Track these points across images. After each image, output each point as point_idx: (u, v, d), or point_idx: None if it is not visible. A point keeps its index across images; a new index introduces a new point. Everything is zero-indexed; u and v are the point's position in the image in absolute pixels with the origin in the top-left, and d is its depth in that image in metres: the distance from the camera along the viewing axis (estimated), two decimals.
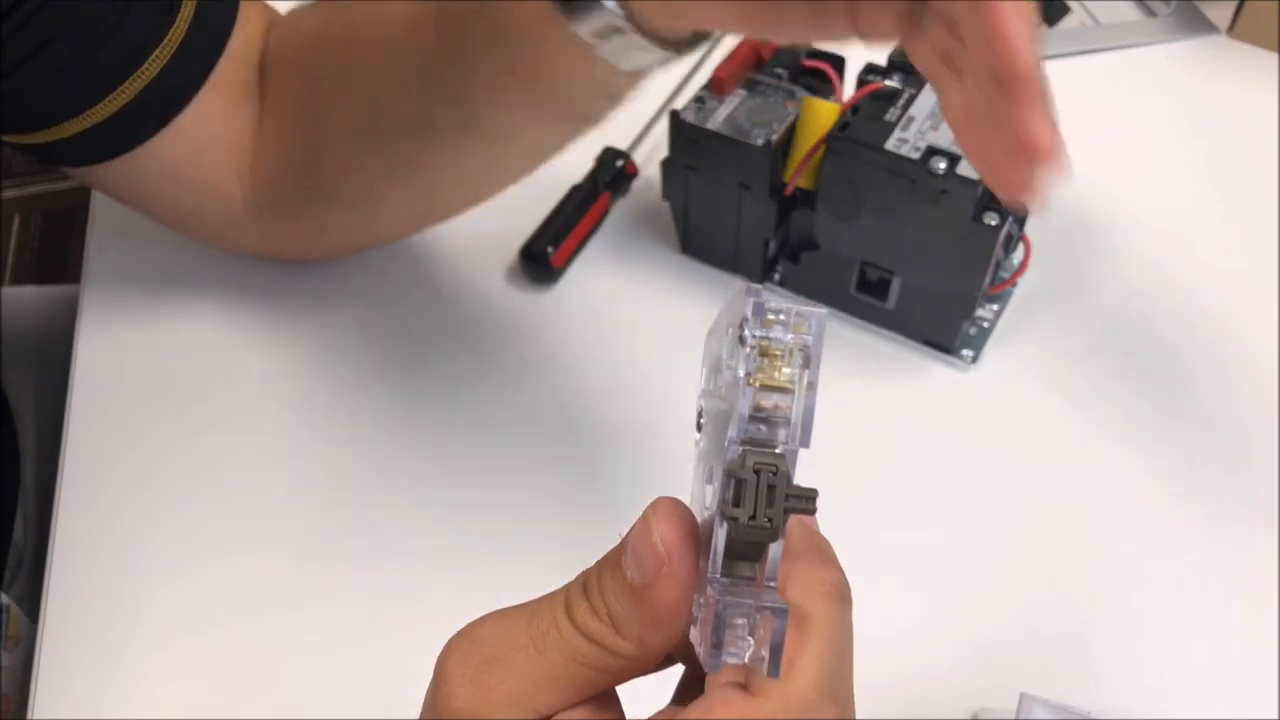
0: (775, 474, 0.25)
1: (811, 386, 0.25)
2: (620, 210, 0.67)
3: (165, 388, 0.60)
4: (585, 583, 0.28)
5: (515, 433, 0.58)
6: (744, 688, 0.26)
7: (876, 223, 0.56)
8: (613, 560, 0.27)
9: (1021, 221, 0.59)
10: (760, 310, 0.25)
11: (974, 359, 0.60)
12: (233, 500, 0.56)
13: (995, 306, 0.62)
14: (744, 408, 0.25)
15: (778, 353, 0.25)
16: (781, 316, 0.25)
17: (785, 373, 0.25)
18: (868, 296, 0.60)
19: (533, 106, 0.47)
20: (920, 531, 0.55)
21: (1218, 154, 0.71)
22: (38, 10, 0.46)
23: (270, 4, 0.58)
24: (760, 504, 0.25)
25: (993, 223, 0.54)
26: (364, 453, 0.58)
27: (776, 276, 0.63)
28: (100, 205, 0.67)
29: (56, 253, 1.69)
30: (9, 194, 1.72)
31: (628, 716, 0.29)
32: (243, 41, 0.54)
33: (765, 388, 0.25)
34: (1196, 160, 0.71)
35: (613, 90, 0.46)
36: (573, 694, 0.27)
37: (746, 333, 0.25)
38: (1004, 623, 0.52)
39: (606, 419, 0.59)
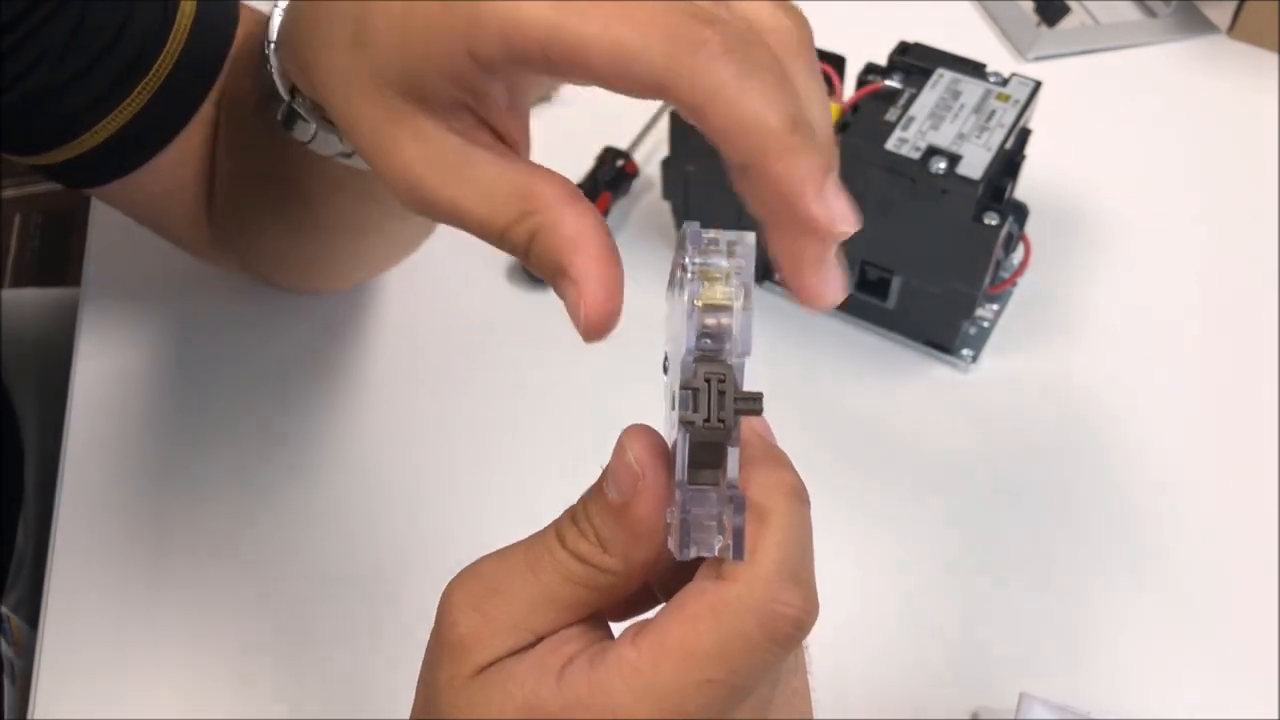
0: (724, 381, 0.28)
1: (748, 301, 0.28)
2: (620, 210, 0.67)
3: (165, 389, 0.60)
4: (573, 513, 0.30)
5: (514, 432, 0.58)
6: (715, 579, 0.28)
7: (877, 222, 0.56)
8: (595, 488, 0.30)
9: (1021, 221, 0.59)
10: (698, 239, 0.28)
11: (974, 359, 0.60)
12: (233, 500, 0.56)
13: (995, 306, 0.62)
14: (691, 327, 0.28)
15: (717, 276, 0.28)
16: (717, 244, 0.28)
17: (724, 291, 0.28)
18: (868, 296, 0.60)
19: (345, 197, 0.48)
20: (919, 531, 0.55)
21: (1218, 154, 0.71)
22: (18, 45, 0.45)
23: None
24: (713, 408, 0.28)
25: (993, 223, 0.54)
26: (363, 451, 0.58)
27: (777, 276, 0.63)
28: (100, 206, 0.67)
29: (57, 253, 1.69)
30: (9, 194, 1.72)
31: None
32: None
33: (708, 307, 0.28)
34: (1196, 160, 0.71)
35: (362, 188, 0.45)
36: (568, 614, 0.29)
37: (687, 260, 0.28)
38: (1004, 623, 0.52)
39: (606, 418, 0.58)
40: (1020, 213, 0.59)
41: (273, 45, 0.41)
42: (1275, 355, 0.61)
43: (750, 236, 0.28)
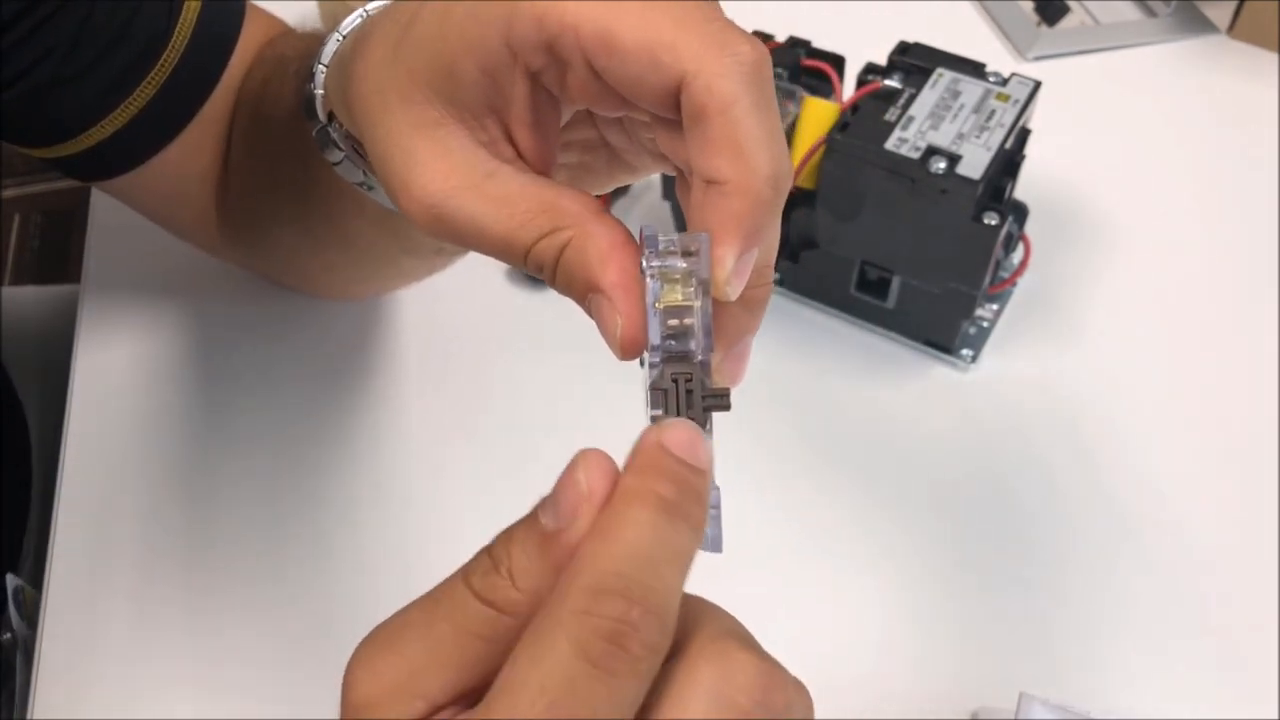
0: (690, 380, 0.29)
1: (707, 300, 0.29)
2: (620, 210, 0.67)
3: (165, 387, 0.60)
4: (490, 547, 0.26)
5: (513, 433, 0.58)
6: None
7: (876, 222, 0.56)
8: (526, 517, 0.26)
9: (1021, 221, 0.59)
10: (654, 243, 0.29)
11: (974, 359, 0.60)
12: (232, 498, 0.56)
13: (995, 306, 0.62)
14: (654, 330, 0.29)
15: (676, 278, 0.29)
16: (674, 246, 0.29)
17: (684, 292, 0.29)
18: (868, 296, 0.60)
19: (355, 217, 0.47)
20: (920, 531, 0.55)
21: (1218, 154, 0.71)
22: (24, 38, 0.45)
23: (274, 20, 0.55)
24: (682, 406, 0.29)
25: (993, 223, 0.54)
26: (363, 451, 0.58)
27: (776, 276, 0.63)
28: (100, 205, 0.67)
29: (57, 252, 1.69)
30: (9, 193, 1.72)
31: None
32: (238, 76, 0.52)
33: (669, 308, 0.29)
34: (1196, 160, 0.71)
35: (380, 218, 0.44)
36: (462, 674, 0.25)
37: (645, 264, 0.29)
38: (1004, 623, 0.52)
39: (606, 419, 0.58)
40: (1020, 213, 0.59)
41: (322, 67, 0.41)
42: (1275, 354, 0.61)
43: (705, 236, 0.29)
